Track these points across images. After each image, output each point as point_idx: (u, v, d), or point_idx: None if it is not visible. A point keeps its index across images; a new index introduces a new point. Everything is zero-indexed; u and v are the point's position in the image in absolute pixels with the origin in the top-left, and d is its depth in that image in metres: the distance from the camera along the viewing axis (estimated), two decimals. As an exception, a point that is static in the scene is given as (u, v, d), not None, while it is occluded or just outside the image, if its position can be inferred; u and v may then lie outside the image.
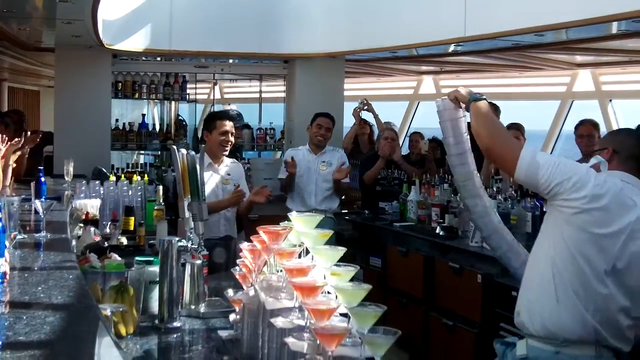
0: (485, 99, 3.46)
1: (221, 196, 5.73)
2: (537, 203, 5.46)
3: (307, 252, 2.62)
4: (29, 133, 7.23)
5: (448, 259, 5.79)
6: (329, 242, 2.62)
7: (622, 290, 3.05)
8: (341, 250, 2.50)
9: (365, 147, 9.17)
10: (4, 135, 5.43)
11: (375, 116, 8.72)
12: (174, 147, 3.75)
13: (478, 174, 3.76)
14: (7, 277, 2.71)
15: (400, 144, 8.40)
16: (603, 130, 7.14)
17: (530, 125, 7.56)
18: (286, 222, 2.84)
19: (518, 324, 3.27)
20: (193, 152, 3.63)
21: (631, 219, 3.03)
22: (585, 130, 6.73)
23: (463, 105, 3.55)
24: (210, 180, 5.66)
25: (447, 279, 5.77)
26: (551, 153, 10.13)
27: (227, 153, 5.83)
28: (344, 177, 7.02)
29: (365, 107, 8.60)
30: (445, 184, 6.53)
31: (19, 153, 6.62)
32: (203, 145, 5.48)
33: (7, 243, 2.81)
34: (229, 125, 5.75)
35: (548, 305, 3.11)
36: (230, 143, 5.77)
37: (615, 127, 8.58)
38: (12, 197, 4.03)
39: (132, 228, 5.13)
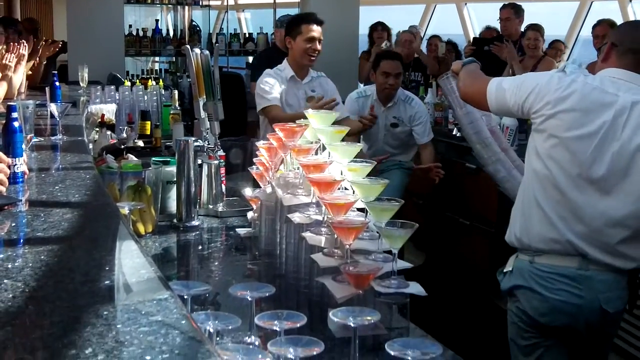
0: (475, 61, 3.40)
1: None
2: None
3: (324, 149, 2.60)
4: (46, 41, 7.21)
5: (465, 160, 5.77)
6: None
7: (614, 199, 2.86)
8: (358, 147, 2.48)
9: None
10: (16, 43, 5.39)
11: None
12: (188, 47, 3.71)
13: (498, 138, 3.66)
14: (26, 176, 2.73)
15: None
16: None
17: (547, 30, 7.41)
18: (302, 119, 2.82)
19: (507, 241, 3.17)
20: (207, 52, 3.59)
21: (607, 118, 2.82)
22: (602, 30, 6.62)
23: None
24: (290, 97, 5.01)
25: (463, 180, 5.76)
26: (568, 59, 9.95)
27: (313, 63, 5.11)
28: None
29: None
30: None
31: (34, 60, 6.60)
32: (217, 44, 5.36)
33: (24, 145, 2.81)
34: (317, 30, 4.97)
35: (519, 215, 3.05)
36: (317, 52, 5.00)
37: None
38: (26, 101, 4.03)
39: (148, 132, 5.14)
